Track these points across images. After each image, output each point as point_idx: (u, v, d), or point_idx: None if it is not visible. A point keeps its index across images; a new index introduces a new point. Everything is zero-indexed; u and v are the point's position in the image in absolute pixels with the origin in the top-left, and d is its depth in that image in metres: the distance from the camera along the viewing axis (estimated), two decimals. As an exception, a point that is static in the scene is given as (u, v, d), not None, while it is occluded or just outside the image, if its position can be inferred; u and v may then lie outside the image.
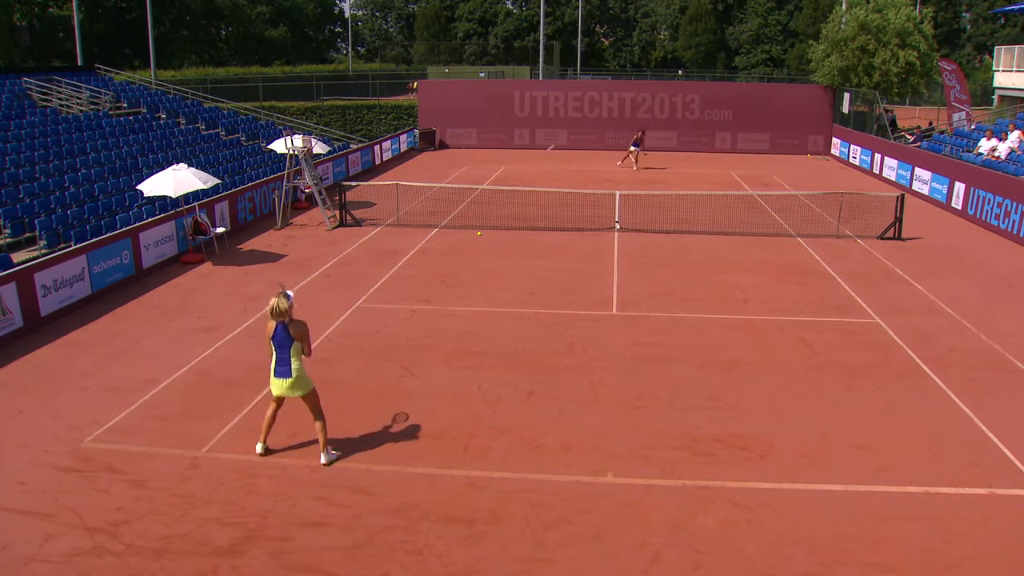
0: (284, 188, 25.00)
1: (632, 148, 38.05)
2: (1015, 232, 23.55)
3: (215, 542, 8.74)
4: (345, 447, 10.89)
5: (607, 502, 9.64)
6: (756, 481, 10.12)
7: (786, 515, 9.40)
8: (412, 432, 11.35)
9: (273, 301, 10.05)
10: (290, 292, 10.20)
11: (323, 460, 10.45)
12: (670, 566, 8.46)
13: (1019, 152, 28.32)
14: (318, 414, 10.52)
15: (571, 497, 9.72)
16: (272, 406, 10.61)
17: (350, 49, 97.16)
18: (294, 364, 10.20)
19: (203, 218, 21.11)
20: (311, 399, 10.47)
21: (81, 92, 32.33)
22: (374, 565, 8.42)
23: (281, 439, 11.07)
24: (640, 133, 38.57)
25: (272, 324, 10.13)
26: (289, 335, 10.11)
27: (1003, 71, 39.60)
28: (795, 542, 8.85)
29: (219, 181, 23.22)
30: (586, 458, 10.66)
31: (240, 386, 12.77)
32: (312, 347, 10.53)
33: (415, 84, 22.86)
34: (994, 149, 29.44)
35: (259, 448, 10.66)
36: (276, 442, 10.98)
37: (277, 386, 10.34)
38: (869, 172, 37.36)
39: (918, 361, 14.18)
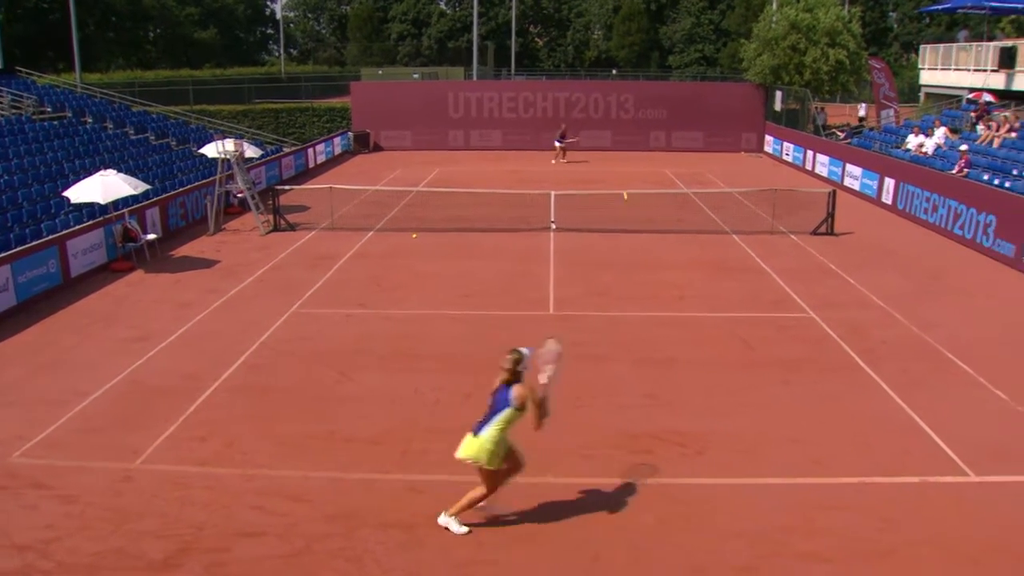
0: (216, 193, 24.70)
1: (557, 144, 39.68)
2: (942, 226, 24.11)
3: (149, 556, 8.58)
4: (282, 454, 10.79)
5: (547, 502, 9.68)
6: (694, 477, 10.23)
7: (724, 509, 9.52)
8: (349, 437, 11.28)
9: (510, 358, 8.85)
10: (525, 351, 8.96)
11: (440, 520, 9.12)
12: (610, 563, 8.53)
13: (945, 148, 29.01)
14: (484, 487, 9.02)
15: (511, 498, 9.70)
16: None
17: (282, 51, 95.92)
18: (487, 432, 8.78)
19: (133, 225, 20.75)
20: (488, 476, 8.94)
21: (2, 96, 31.50)
22: (313, 573, 8.36)
23: (216, 447, 10.95)
24: (564, 127, 40.12)
25: (498, 380, 8.92)
26: (506, 400, 8.74)
27: (928, 69, 40.50)
28: (734, 535, 8.97)
29: (149, 187, 22.82)
30: (525, 459, 10.65)
31: (174, 395, 12.56)
32: (541, 421, 8.88)
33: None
34: (921, 145, 30.12)
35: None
36: (210, 450, 10.86)
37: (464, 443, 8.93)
38: (801, 168, 37.98)
39: (851, 354, 14.45)
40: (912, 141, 30.85)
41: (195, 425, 11.59)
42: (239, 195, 26.28)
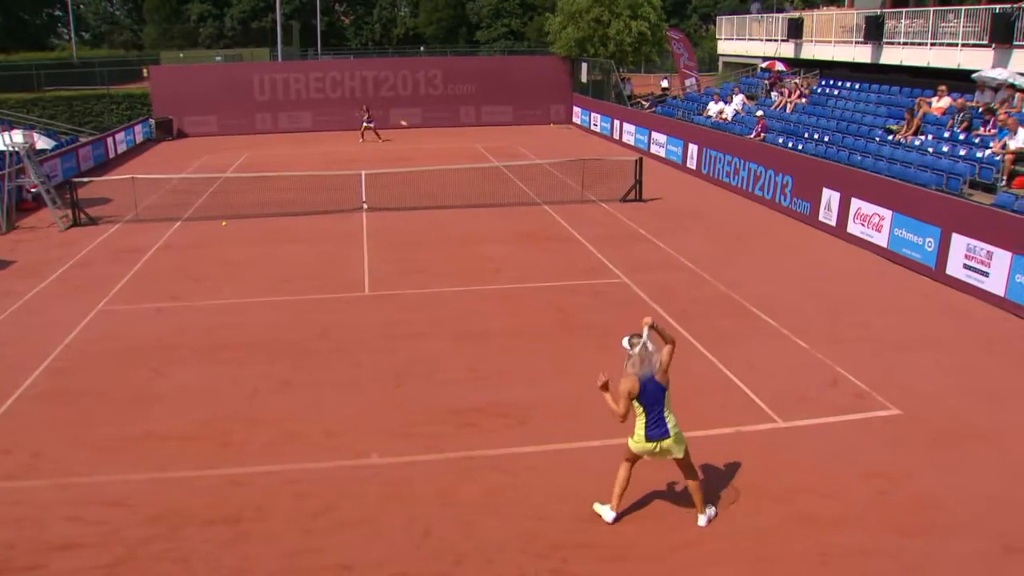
0: (6, 189, 23.31)
1: (366, 124, 39.43)
2: (743, 187, 25.31)
3: (-49, 582, 8.09)
4: (95, 460, 10.35)
5: (373, 484, 9.68)
6: (518, 446, 10.41)
7: (550, 475, 9.75)
8: (166, 435, 10.92)
9: (636, 353, 8.28)
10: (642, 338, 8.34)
11: (702, 521, 8.84)
12: (441, 539, 8.61)
13: (743, 114, 30.37)
14: (694, 472, 8.90)
15: (336, 483, 9.68)
16: (627, 465, 8.84)
17: (73, 35, 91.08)
18: (670, 420, 8.52)
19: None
20: (687, 457, 8.76)
21: None
22: (137, 579, 8.08)
23: (23, 459, 10.38)
24: (366, 109, 40.02)
25: (634, 381, 8.35)
26: (661, 386, 8.41)
27: (725, 39, 42.20)
28: (560, 500, 9.21)
29: (-72, 186, 21.42)
30: (349, 442, 10.64)
31: (-30, 407, 11.86)
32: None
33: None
34: (721, 112, 31.46)
35: (608, 515, 8.87)
36: (16, 463, 10.28)
37: (650, 449, 8.58)
38: (609, 138, 39.01)
39: (664, 315, 14.96)
40: (713, 108, 32.18)
41: (-3, 436, 11.00)
42: (32, 190, 24.93)
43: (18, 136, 23.63)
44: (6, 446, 10.71)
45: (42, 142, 27.03)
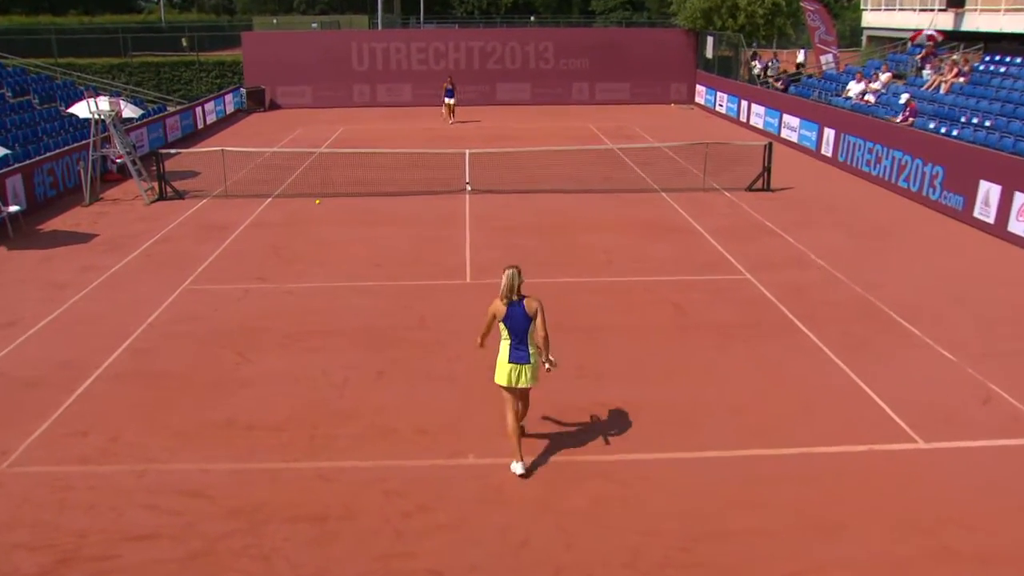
0: (91, 158, 24.07)
1: (448, 100, 39.14)
2: (887, 178, 24.67)
3: (22, 571, 8.31)
4: (175, 446, 10.62)
5: (469, 485, 9.72)
6: (627, 453, 10.32)
7: (661, 486, 9.65)
8: (250, 424, 11.16)
9: (509, 276, 9.71)
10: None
11: (517, 469, 9.93)
12: (539, 549, 8.59)
13: (888, 94, 29.57)
14: (525, 411, 10.52)
15: (430, 483, 9.74)
16: (510, 412, 10.06)
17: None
18: (531, 348, 9.81)
19: (-7, 196, 20.17)
20: (529, 393, 10.38)
21: None
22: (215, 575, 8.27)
23: (100, 442, 10.72)
24: (449, 81, 39.82)
25: (502, 305, 9.73)
26: (527, 314, 9.72)
27: (871, 10, 41.02)
28: (670, 515, 9.10)
29: (8, 152, 22.17)
30: (444, 440, 10.71)
31: (48, 387, 12.26)
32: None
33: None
34: (864, 92, 30.69)
35: (519, 468, 9.93)
36: (93, 446, 10.63)
37: (510, 374, 9.85)
38: (736, 120, 38.55)
39: (791, 317, 14.75)
40: (854, 88, 31.41)
41: (74, 419, 11.33)
42: (118, 160, 25.70)
43: (104, 103, 24.18)
44: (83, 428, 11.08)
45: (128, 110, 27.68)
